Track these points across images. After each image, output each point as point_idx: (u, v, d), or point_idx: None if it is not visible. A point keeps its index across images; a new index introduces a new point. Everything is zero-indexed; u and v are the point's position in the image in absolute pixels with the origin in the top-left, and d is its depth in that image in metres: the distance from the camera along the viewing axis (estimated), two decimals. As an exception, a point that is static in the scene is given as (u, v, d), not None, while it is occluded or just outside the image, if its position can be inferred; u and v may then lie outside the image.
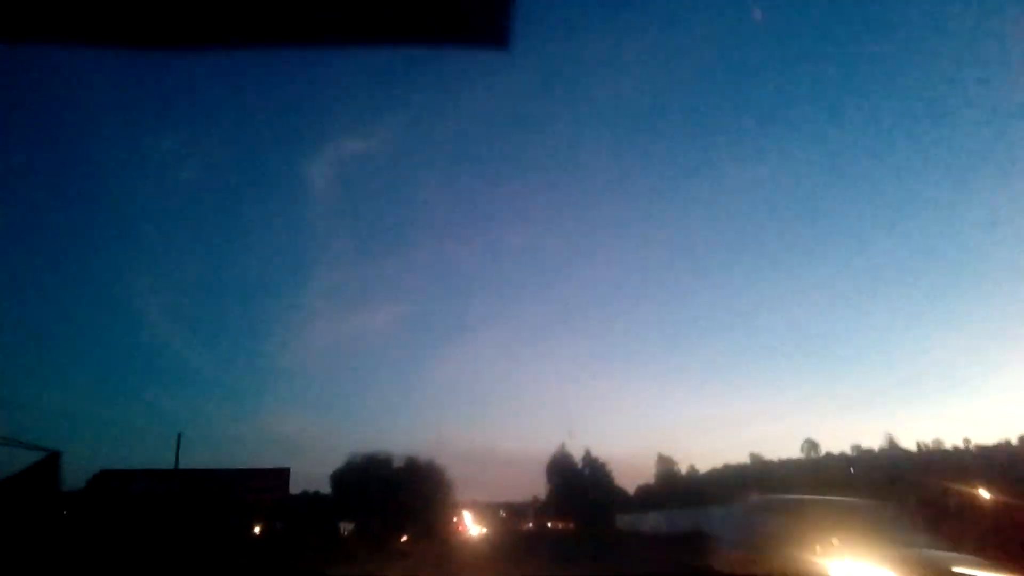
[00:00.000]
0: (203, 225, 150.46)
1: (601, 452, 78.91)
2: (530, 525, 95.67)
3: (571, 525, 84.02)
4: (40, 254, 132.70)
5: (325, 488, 79.25)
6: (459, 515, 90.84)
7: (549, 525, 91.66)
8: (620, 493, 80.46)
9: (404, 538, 52.09)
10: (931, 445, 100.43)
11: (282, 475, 48.84)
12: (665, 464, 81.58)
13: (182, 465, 46.09)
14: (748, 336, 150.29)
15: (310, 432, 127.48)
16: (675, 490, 72.23)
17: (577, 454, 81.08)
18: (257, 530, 44.93)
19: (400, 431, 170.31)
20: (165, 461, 47.25)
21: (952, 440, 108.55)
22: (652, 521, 57.89)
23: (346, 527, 61.03)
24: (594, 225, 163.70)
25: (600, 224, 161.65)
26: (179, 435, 46.67)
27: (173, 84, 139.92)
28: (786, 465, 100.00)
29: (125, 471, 45.60)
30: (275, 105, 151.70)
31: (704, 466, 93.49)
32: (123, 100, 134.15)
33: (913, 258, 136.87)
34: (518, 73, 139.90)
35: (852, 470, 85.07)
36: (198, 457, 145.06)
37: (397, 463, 78.56)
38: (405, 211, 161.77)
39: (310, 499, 76.13)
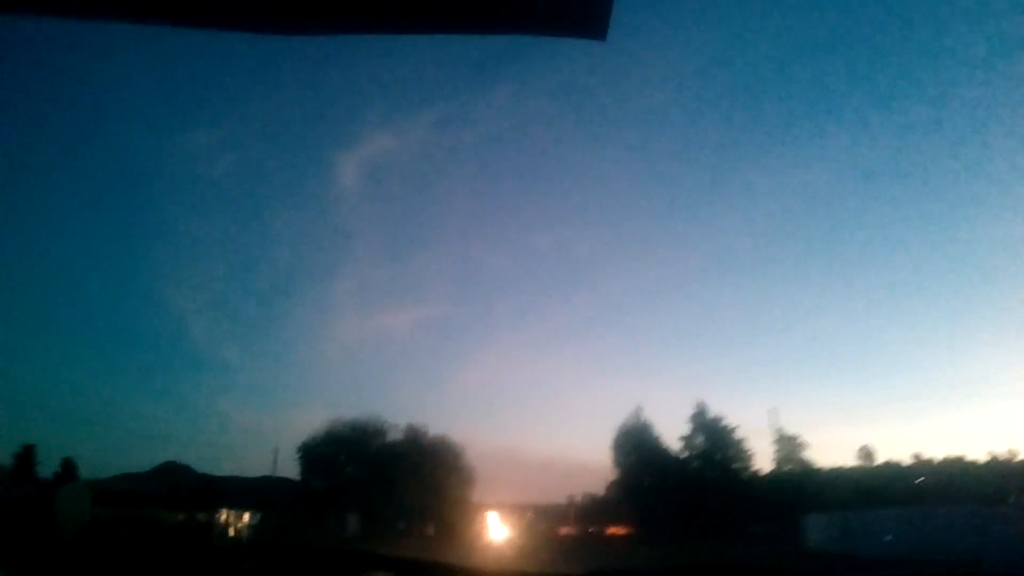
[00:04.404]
0: (232, 221, 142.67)
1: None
2: (570, 531, 75.32)
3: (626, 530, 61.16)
4: (72, 247, 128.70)
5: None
6: (482, 516, 70.37)
7: (591, 530, 69.37)
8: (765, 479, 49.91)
9: None
10: (1004, 455, 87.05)
11: None
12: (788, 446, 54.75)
13: None
14: (795, 341, 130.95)
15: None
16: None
17: (663, 423, 55.59)
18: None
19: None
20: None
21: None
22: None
23: (237, 526, 36.47)
24: (625, 229, 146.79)
25: (631, 228, 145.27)
26: None
27: (206, 81, 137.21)
28: (836, 473, 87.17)
29: None
30: (305, 103, 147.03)
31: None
32: (157, 97, 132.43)
33: (971, 263, 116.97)
34: (547, 75, 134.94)
35: (918, 481, 73.26)
36: (214, 448, 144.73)
37: (394, 436, 56.32)
38: (434, 211, 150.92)
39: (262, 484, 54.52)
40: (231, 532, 33.46)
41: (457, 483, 57.95)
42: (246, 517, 35.76)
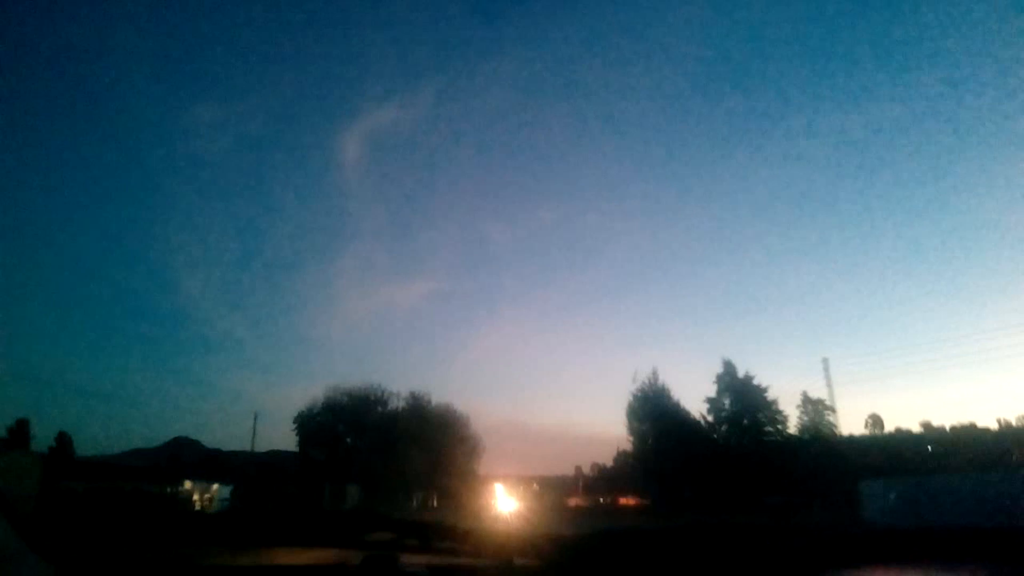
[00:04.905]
0: (237, 196, 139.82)
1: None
2: (579, 502, 73.74)
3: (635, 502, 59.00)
4: (73, 225, 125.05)
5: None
6: (489, 487, 68.72)
7: (598, 500, 67.64)
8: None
9: None
10: (1015, 423, 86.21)
11: None
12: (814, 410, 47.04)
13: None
14: (801, 311, 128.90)
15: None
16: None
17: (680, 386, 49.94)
18: None
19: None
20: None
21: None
22: None
23: (204, 497, 32.72)
24: (630, 203, 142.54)
25: (636, 202, 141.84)
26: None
27: (208, 55, 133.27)
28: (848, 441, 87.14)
29: None
30: (309, 76, 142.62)
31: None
32: (157, 71, 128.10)
33: (977, 236, 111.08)
34: (553, 48, 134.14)
35: (929, 448, 71.26)
36: (220, 426, 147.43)
37: (396, 404, 53.52)
38: (438, 184, 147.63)
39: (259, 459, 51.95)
40: (197, 506, 30.80)
41: (462, 453, 55.47)
42: (215, 489, 32.83)
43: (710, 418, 46.62)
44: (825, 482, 36.94)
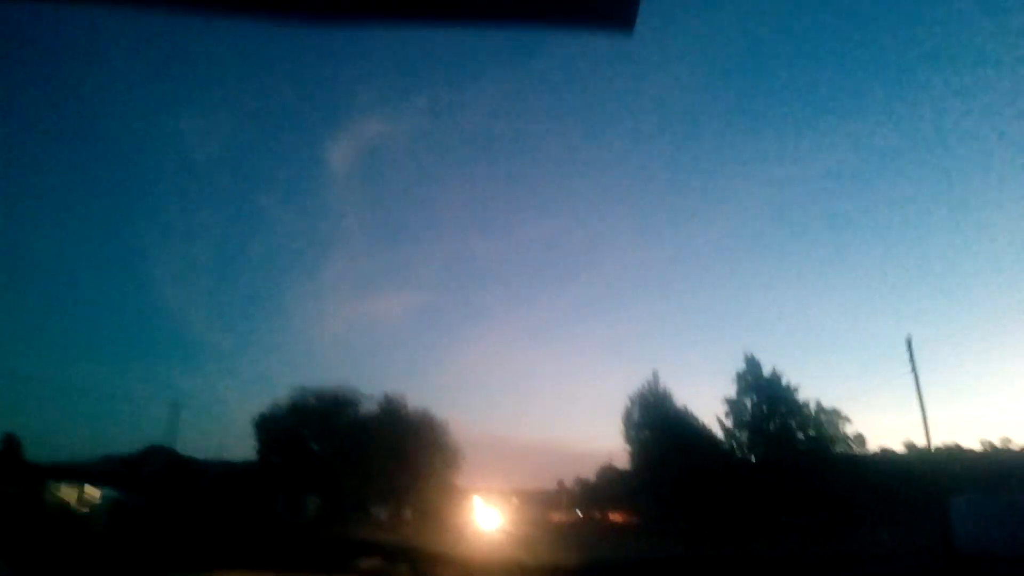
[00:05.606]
0: (221, 205, 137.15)
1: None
2: (563, 518, 69.69)
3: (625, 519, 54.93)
4: (57, 230, 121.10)
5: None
6: (467, 501, 64.38)
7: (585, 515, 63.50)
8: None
9: None
10: (998, 444, 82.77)
11: None
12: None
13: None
14: (788, 330, 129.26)
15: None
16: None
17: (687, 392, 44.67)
18: None
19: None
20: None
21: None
22: None
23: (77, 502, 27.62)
24: (617, 222, 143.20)
25: (622, 221, 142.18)
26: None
27: (195, 62, 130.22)
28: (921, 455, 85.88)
29: None
30: (297, 87, 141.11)
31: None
32: (144, 77, 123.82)
33: (974, 256, 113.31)
34: (542, 62, 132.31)
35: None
36: (203, 438, 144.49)
37: (368, 407, 48.64)
38: (426, 198, 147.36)
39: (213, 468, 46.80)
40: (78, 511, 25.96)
41: (440, 462, 50.75)
42: (93, 493, 27.50)
43: (728, 423, 41.75)
44: (926, 498, 31.30)
